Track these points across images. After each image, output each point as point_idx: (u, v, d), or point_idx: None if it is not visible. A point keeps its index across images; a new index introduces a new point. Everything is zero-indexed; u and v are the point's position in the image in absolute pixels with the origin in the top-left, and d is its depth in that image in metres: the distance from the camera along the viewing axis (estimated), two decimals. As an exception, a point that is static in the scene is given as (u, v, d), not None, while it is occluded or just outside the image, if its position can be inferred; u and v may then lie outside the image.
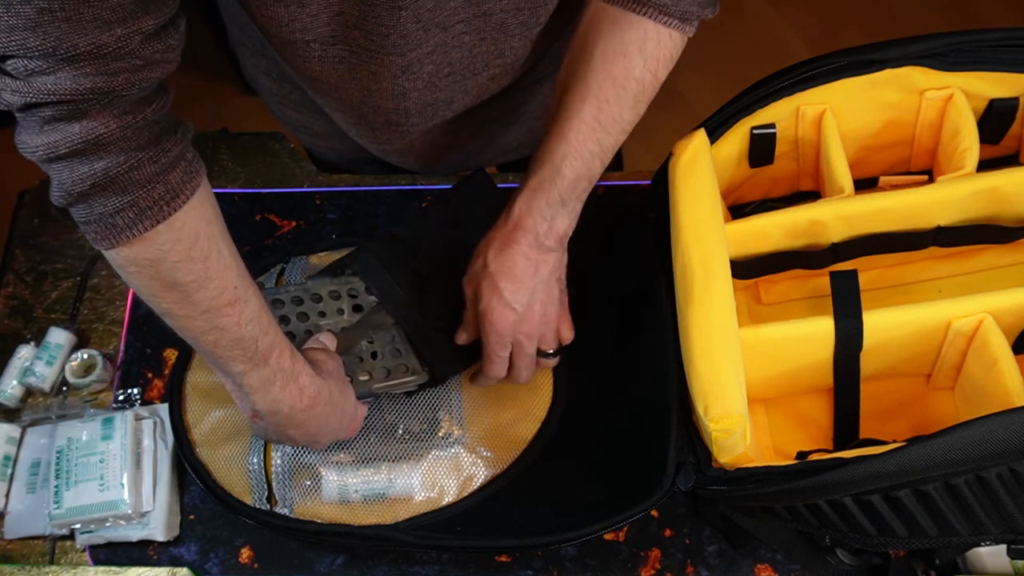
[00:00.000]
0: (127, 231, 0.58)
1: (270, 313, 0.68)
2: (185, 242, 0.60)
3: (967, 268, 0.86)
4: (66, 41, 0.50)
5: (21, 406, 0.92)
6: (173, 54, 0.58)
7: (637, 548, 0.84)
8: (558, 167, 0.73)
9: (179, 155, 0.60)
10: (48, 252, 1.01)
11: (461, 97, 0.83)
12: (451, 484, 0.82)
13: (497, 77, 0.82)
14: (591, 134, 0.73)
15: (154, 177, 0.57)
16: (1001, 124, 0.82)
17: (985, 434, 0.60)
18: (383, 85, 0.78)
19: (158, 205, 0.58)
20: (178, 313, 0.63)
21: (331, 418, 0.74)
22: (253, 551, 0.85)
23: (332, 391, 0.73)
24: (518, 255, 0.75)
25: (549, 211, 0.74)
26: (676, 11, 0.70)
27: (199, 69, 2.22)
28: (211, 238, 0.62)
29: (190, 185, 0.60)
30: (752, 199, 0.91)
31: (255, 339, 0.65)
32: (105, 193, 0.57)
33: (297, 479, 0.82)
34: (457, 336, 0.80)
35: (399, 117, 0.84)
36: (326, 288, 0.82)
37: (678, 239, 0.77)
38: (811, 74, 0.81)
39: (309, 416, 0.71)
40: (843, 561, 0.77)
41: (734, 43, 2.19)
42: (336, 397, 0.73)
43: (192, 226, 0.60)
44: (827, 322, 0.75)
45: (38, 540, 0.87)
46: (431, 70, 0.78)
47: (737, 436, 0.70)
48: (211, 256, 0.62)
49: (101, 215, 0.57)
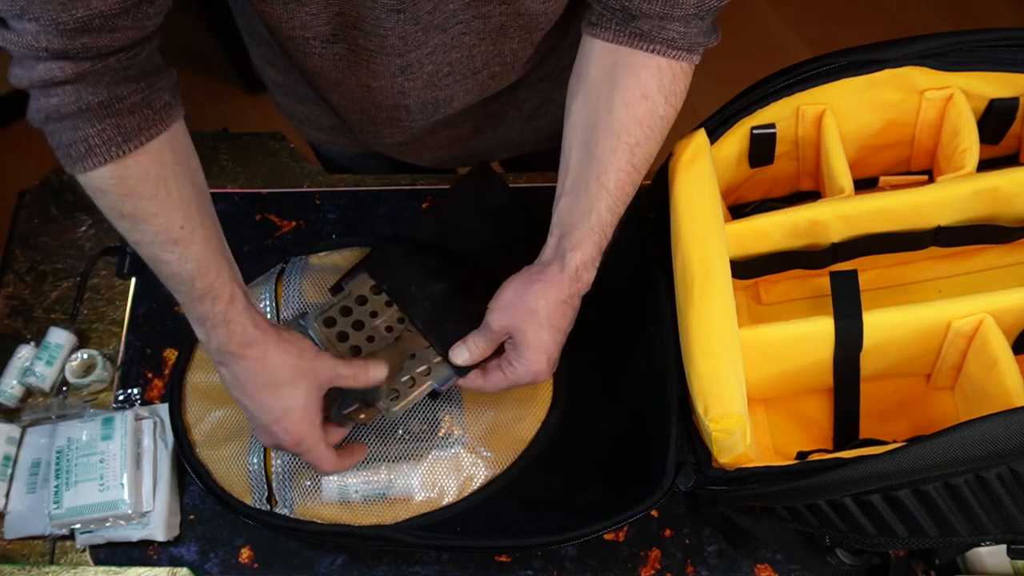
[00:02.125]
0: (79, 162, 0.64)
1: (220, 259, 0.70)
2: (132, 180, 0.66)
3: (967, 268, 0.86)
4: (31, 12, 0.58)
5: (21, 406, 0.92)
6: (144, 24, 0.62)
7: (637, 548, 0.84)
8: (604, 217, 0.74)
9: (139, 102, 0.65)
10: (48, 252, 1.01)
11: (462, 95, 0.83)
12: (451, 484, 0.82)
13: (498, 75, 0.82)
14: (628, 179, 0.74)
15: (104, 120, 0.63)
16: (1001, 124, 0.82)
17: (985, 434, 0.60)
18: (383, 83, 0.78)
19: (106, 146, 0.64)
20: (131, 238, 0.69)
21: (264, 378, 0.72)
22: (253, 551, 0.85)
23: (268, 349, 0.71)
24: (568, 308, 0.75)
25: (599, 257, 0.75)
26: (684, 44, 0.71)
27: (199, 69, 2.22)
28: (162, 180, 0.66)
29: (148, 132, 0.65)
30: (752, 199, 0.91)
31: (192, 279, 0.69)
32: (60, 126, 0.64)
33: (297, 479, 0.82)
34: (457, 354, 0.78)
35: (400, 114, 0.84)
36: (367, 286, 0.83)
37: (678, 239, 0.77)
38: (811, 74, 0.81)
39: (241, 368, 0.71)
40: (843, 561, 0.77)
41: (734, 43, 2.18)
42: (273, 356, 0.72)
43: (143, 167, 0.66)
44: (827, 322, 0.75)
45: (38, 540, 0.87)
46: (431, 70, 0.78)
47: (737, 436, 0.70)
48: (159, 195, 0.67)
49: (59, 143, 0.65)
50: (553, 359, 0.76)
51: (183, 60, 2.27)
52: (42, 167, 1.07)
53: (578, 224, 0.74)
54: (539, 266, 0.75)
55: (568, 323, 0.76)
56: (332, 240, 0.95)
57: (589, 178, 0.74)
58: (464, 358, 0.77)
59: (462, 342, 0.77)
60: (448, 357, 0.78)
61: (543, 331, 0.74)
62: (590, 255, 0.74)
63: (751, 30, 2.22)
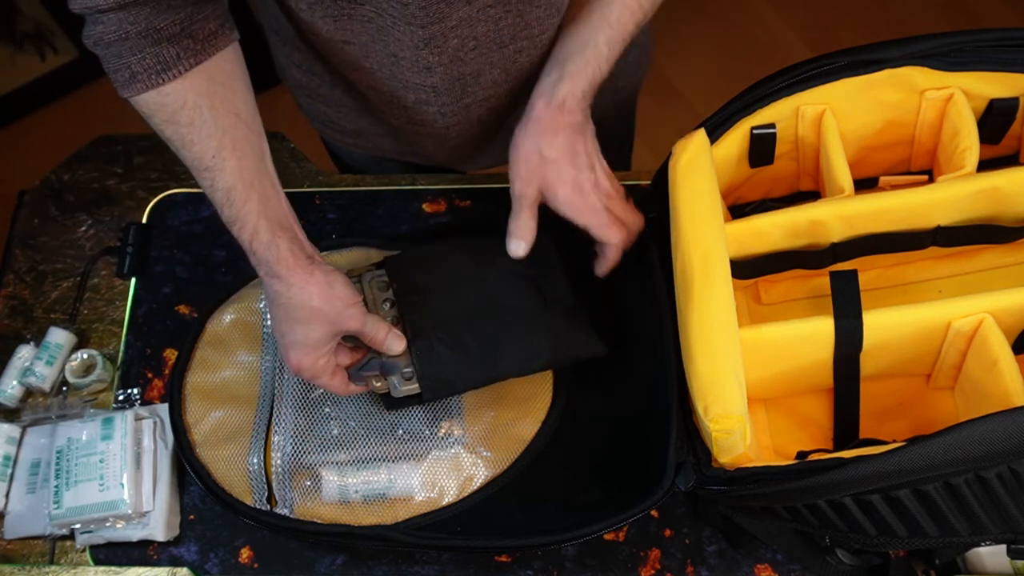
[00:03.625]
0: (123, 88, 0.69)
1: (249, 191, 0.72)
2: (171, 108, 0.70)
3: (967, 268, 0.86)
4: None
5: (21, 406, 0.92)
6: None
7: (637, 548, 0.84)
8: (601, 50, 0.73)
9: (179, 32, 0.68)
10: (48, 252, 1.01)
11: (488, 70, 0.83)
12: (451, 484, 0.82)
13: (525, 50, 0.82)
14: (631, 17, 0.74)
15: (144, 49, 0.68)
16: (1001, 124, 0.82)
17: (985, 434, 0.60)
18: (408, 55, 0.78)
19: (146, 73, 0.68)
20: (179, 157, 0.73)
21: (283, 310, 0.74)
22: (253, 551, 0.85)
23: (292, 286, 0.73)
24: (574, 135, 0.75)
25: (591, 93, 0.75)
26: None
27: (199, 69, 2.22)
28: (198, 109, 0.70)
29: (187, 61, 0.69)
30: (752, 199, 0.91)
31: (221, 206, 0.73)
32: (106, 52, 0.68)
33: (297, 479, 0.82)
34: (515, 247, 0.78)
35: (427, 95, 0.84)
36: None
37: (678, 239, 0.77)
38: (811, 74, 0.81)
39: (269, 291, 0.75)
40: (843, 561, 0.77)
41: (734, 43, 2.19)
42: (295, 294, 0.73)
43: (181, 95, 0.70)
44: (827, 322, 0.75)
45: (38, 540, 0.87)
46: (456, 44, 0.78)
47: (737, 436, 0.70)
48: (195, 123, 0.70)
49: (107, 68, 0.69)
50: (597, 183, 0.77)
51: (183, 60, 2.27)
52: (42, 167, 1.07)
53: (573, 55, 0.74)
54: (530, 105, 0.76)
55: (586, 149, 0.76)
56: (332, 240, 0.95)
57: (592, 7, 0.74)
58: (521, 248, 0.78)
59: (511, 234, 0.78)
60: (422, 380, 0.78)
61: (566, 170, 0.75)
62: (580, 88, 0.74)
63: (751, 30, 2.22)
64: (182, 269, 0.98)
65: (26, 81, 2.18)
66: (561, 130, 0.75)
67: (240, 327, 0.89)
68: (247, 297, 0.90)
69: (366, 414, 0.83)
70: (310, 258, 0.74)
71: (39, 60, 2.19)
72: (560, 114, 0.75)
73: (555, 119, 0.75)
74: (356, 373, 0.79)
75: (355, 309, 0.76)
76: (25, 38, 2.16)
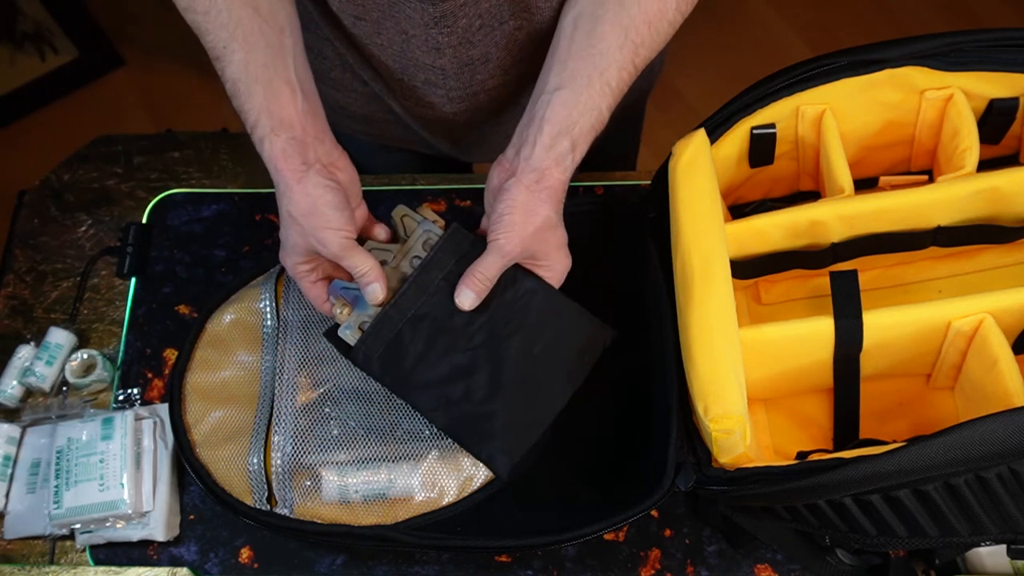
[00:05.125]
0: None
1: (253, 85, 0.72)
2: None
3: (967, 268, 0.86)
4: None
5: (21, 406, 0.92)
6: None
7: (637, 548, 0.84)
8: (603, 115, 0.72)
9: None
10: (48, 252, 1.01)
11: (494, 52, 0.83)
12: (451, 484, 0.82)
13: (523, 27, 0.81)
14: (628, 78, 0.73)
15: None
16: (1001, 124, 0.82)
17: (985, 434, 0.60)
18: (419, 33, 0.78)
19: None
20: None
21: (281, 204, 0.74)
22: (253, 551, 0.85)
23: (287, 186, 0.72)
24: (542, 210, 0.73)
25: (572, 166, 0.73)
26: None
27: (199, 69, 2.22)
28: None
29: None
30: (752, 199, 0.91)
31: (231, 96, 0.74)
32: None
33: (297, 480, 0.82)
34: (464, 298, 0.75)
35: (436, 77, 0.83)
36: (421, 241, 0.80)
37: (678, 239, 0.77)
38: (811, 74, 0.81)
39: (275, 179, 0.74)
40: (843, 561, 0.77)
41: (734, 43, 2.19)
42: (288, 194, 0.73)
43: None
44: (827, 322, 0.75)
45: (38, 540, 0.87)
46: (464, 24, 0.78)
47: (737, 436, 0.70)
48: (210, 13, 0.72)
49: None
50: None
51: (183, 60, 2.27)
52: (42, 167, 1.07)
53: (577, 122, 0.72)
54: (535, 173, 0.72)
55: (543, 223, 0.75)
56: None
57: (591, 73, 0.72)
58: (471, 299, 0.75)
59: (467, 283, 0.75)
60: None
61: (559, 230, 0.75)
62: (582, 154, 0.73)
63: (751, 30, 2.22)
64: (182, 269, 0.98)
65: (26, 81, 2.18)
66: (563, 196, 0.75)
67: (240, 327, 0.89)
68: (247, 297, 0.90)
69: (366, 414, 0.83)
70: (305, 164, 0.73)
71: (39, 60, 2.19)
72: (567, 182, 0.73)
73: (562, 189, 0.73)
74: (335, 289, 0.78)
75: (332, 234, 0.73)
76: (25, 38, 2.16)
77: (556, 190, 0.73)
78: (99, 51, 2.27)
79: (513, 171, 0.73)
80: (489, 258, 0.74)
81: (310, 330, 0.86)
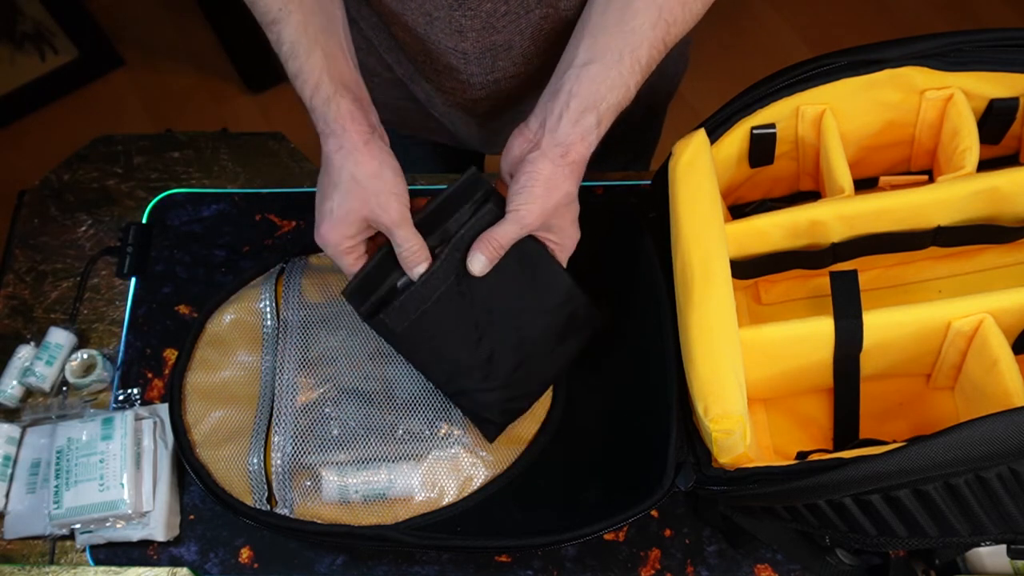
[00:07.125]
0: None
1: (313, 46, 0.71)
2: None
3: (967, 268, 0.86)
4: None
5: (21, 406, 0.92)
6: None
7: (637, 548, 0.84)
8: (631, 93, 0.71)
9: None
10: (48, 252, 1.01)
11: (518, 40, 0.82)
12: (451, 484, 0.82)
13: (549, 17, 0.81)
14: (658, 57, 0.72)
15: None
16: (1001, 124, 0.82)
17: (985, 434, 0.60)
18: (442, 15, 0.78)
19: None
20: (252, 10, 0.74)
21: (326, 174, 0.73)
22: (253, 551, 0.85)
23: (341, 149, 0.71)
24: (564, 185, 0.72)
25: (596, 141, 0.72)
26: None
27: (199, 69, 2.22)
28: None
29: None
30: (752, 199, 0.91)
31: (286, 60, 0.72)
32: None
33: (297, 480, 0.82)
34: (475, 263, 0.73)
35: (459, 62, 0.83)
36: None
37: (678, 239, 0.77)
38: (811, 74, 0.81)
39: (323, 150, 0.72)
40: (843, 561, 0.77)
41: (734, 43, 2.19)
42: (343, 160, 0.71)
43: None
44: (827, 322, 0.75)
45: (38, 540, 0.87)
46: (489, 8, 0.77)
47: (737, 436, 0.70)
48: None
49: None
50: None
51: (183, 60, 2.27)
52: (42, 167, 1.07)
53: (605, 97, 0.71)
54: (560, 147, 0.71)
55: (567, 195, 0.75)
56: (332, 240, 0.95)
57: (623, 49, 0.71)
58: (483, 264, 0.74)
59: (480, 249, 0.73)
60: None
61: (575, 205, 0.75)
62: (606, 129, 0.72)
63: (751, 30, 2.23)
64: (182, 269, 0.98)
65: (26, 81, 2.19)
66: (555, 181, 0.73)
67: (240, 327, 0.89)
68: (247, 297, 0.90)
69: (366, 414, 0.83)
70: (372, 127, 0.72)
71: (39, 60, 2.19)
72: (588, 156, 0.72)
73: (583, 162, 0.72)
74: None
75: (396, 200, 0.71)
76: (25, 38, 2.16)
77: (579, 165, 0.72)
78: (99, 51, 2.27)
79: (537, 143, 0.72)
80: (506, 226, 0.73)
81: (310, 330, 0.86)
